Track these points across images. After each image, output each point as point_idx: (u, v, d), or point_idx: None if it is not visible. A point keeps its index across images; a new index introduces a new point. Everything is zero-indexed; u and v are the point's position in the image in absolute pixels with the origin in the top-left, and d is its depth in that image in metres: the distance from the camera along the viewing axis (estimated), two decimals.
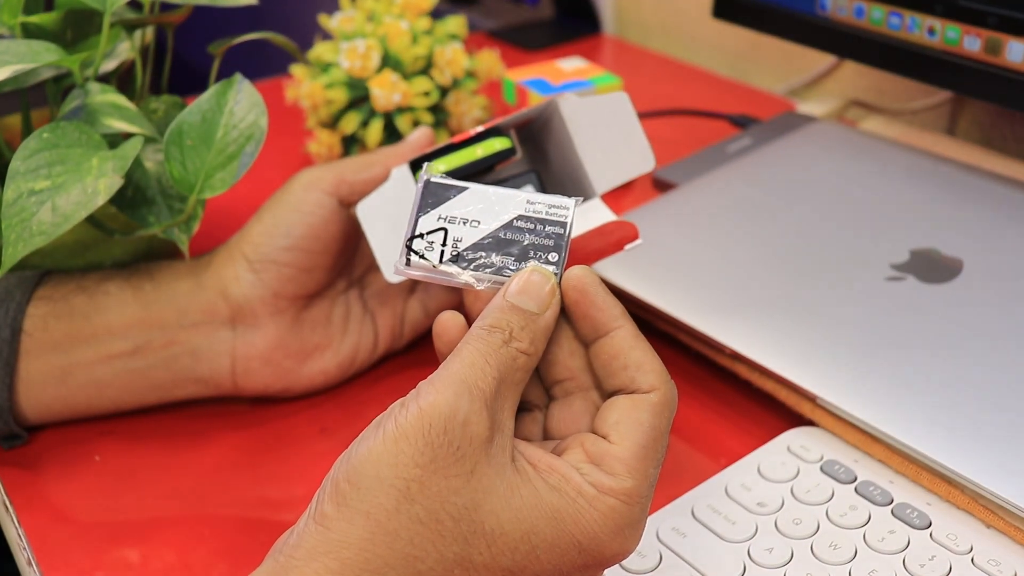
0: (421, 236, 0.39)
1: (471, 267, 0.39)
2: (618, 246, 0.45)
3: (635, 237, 0.45)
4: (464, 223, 0.39)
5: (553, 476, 0.35)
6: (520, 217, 0.39)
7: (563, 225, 0.39)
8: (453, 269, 0.39)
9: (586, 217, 0.49)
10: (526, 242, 0.39)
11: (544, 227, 0.39)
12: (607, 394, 0.38)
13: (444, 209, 0.39)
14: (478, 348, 0.36)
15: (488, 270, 0.39)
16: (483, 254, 0.39)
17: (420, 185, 0.40)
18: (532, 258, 0.38)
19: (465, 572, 0.33)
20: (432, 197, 0.40)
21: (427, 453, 0.33)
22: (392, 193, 0.48)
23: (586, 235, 0.46)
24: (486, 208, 0.39)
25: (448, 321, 0.40)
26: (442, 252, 0.39)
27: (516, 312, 0.37)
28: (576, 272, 0.38)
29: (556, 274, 0.38)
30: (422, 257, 0.39)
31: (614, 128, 0.49)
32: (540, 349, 0.37)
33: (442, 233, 0.39)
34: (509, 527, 0.34)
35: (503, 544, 0.34)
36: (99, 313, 0.49)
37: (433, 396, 0.34)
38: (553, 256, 0.39)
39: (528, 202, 0.39)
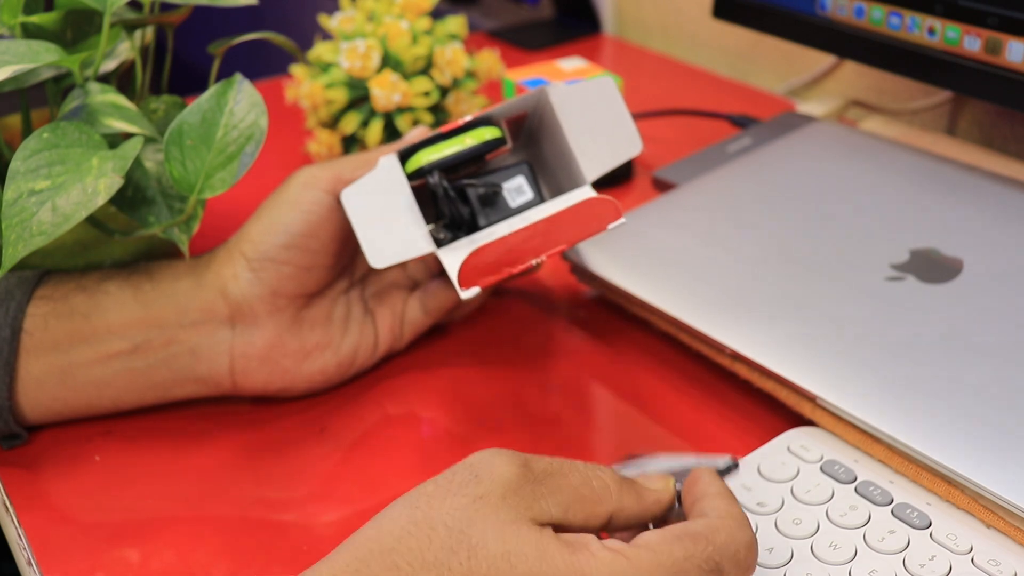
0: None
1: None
2: (600, 226, 0.45)
3: (618, 216, 0.44)
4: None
5: (570, 538, 0.35)
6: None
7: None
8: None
9: (570, 200, 0.48)
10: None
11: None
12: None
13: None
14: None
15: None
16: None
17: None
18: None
19: None
20: None
21: (447, 475, 0.36)
22: (379, 182, 0.48)
23: (565, 213, 0.45)
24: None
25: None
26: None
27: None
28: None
29: None
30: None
31: (602, 113, 0.49)
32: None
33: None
34: (493, 545, 0.34)
35: (482, 555, 0.34)
36: (99, 312, 0.49)
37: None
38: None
39: None
